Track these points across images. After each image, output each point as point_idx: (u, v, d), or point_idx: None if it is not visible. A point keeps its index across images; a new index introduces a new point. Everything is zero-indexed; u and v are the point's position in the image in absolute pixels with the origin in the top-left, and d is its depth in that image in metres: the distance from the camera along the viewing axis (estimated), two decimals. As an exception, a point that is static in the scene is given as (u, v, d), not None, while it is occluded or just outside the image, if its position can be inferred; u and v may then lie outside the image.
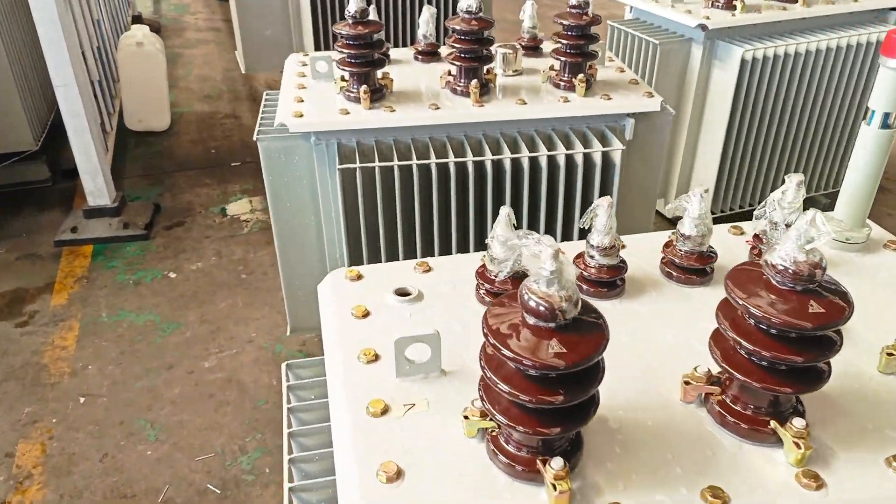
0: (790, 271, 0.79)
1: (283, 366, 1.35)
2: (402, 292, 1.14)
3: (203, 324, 2.67)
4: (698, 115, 2.89)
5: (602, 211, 1.08)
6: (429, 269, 1.22)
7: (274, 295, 2.83)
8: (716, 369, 0.91)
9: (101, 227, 3.21)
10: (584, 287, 1.13)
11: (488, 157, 1.85)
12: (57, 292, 2.85)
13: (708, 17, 2.66)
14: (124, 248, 3.15)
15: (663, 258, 1.19)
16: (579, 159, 1.88)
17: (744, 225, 1.33)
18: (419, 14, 2.19)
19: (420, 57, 2.24)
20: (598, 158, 1.88)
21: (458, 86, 1.95)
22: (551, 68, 2.02)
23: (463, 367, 1.01)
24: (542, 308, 0.75)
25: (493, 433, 0.86)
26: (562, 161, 1.88)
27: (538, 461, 0.81)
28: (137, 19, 6.31)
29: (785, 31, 2.83)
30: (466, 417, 0.88)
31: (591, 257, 1.12)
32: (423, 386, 0.97)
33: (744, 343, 0.82)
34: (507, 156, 1.86)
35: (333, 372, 1.03)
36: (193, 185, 3.73)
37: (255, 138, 1.97)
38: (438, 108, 1.87)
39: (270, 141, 1.96)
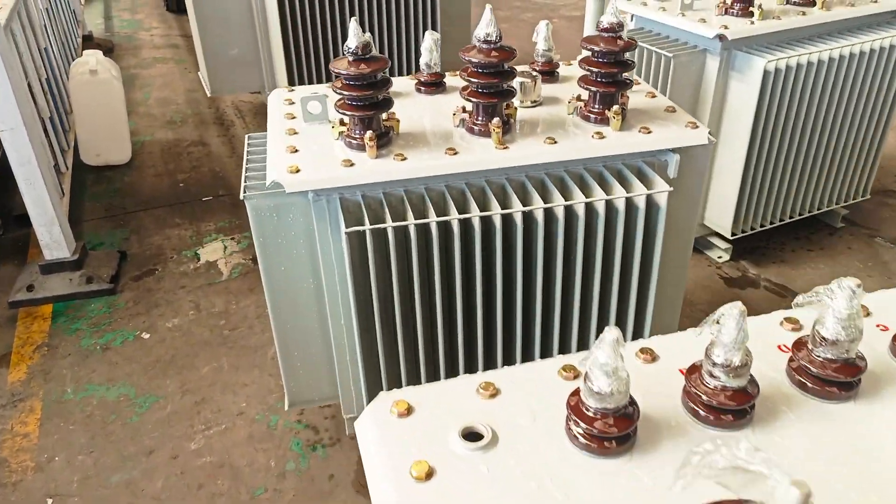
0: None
1: None
2: (470, 434, 0.88)
3: (185, 395, 2.36)
4: (715, 131, 2.68)
5: (732, 321, 0.83)
6: (496, 393, 0.95)
7: (263, 354, 2.53)
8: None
9: (60, 284, 2.87)
10: (702, 414, 0.88)
11: (517, 209, 1.59)
12: (14, 365, 2.52)
13: (726, 27, 2.44)
14: (89, 305, 2.82)
15: (791, 362, 0.94)
16: (621, 204, 1.63)
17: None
18: (413, 38, 1.93)
19: (423, 88, 1.97)
20: (641, 202, 1.64)
21: (476, 124, 1.68)
22: (578, 98, 1.77)
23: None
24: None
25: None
26: (601, 208, 1.63)
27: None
28: (88, 39, 5.91)
29: (804, 38, 2.62)
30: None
31: (714, 377, 0.87)
32: None
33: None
34: (539, 206, 1.60)
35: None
36: (162, 225, 3.40)
37: (241, 197, 1.68)
38: (456, 154, 1.61)
39: (261, 199, 1.68)
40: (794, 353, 0.94)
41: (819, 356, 0.90)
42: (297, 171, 1.56)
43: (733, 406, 0.86)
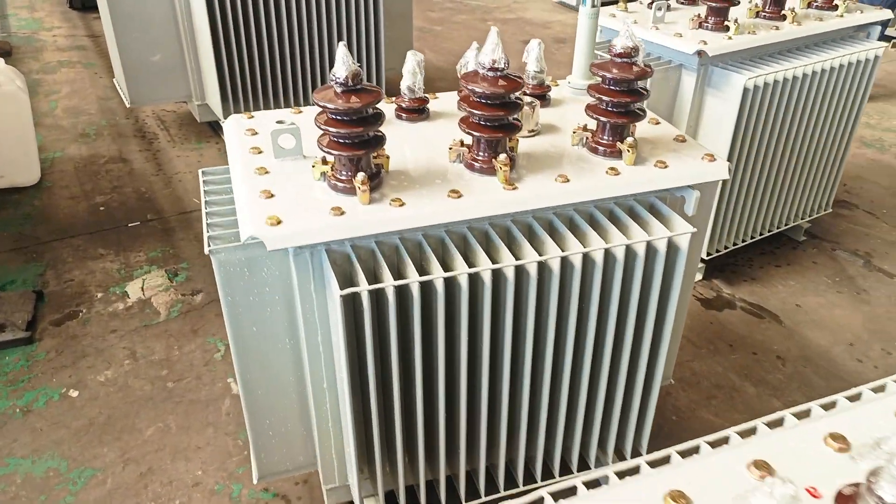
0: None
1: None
2: None
3: (127, 465, 2.05)
4: (690, 149, 2.58)
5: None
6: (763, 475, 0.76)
7: (216, 409, 2.24)
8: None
9: (-35, 334, 2.47)
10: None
11: (532, 260, 1.40)
12: (-89, 439, 2.12)
13: (705, 42, 2.34)
14: (2, 359, 2.43)
15: None
16: (641, 249, 1.48)
17: None
18: (357, 39, 1.71)
19: (405, 115, 1.75)
20: (662, 246, 1.49)
21: (478, 160, 1.48)
22: (584, 128, 1.60)
23: None
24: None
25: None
26: (620, 253, 1.46)
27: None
28: (-20, 41, 5.30)
29: (774, 52, 2.57)
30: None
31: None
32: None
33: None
34: (555, 255, 1.42)
35: None
36: (83, 257, 3.01)
37: (207, 251, 1.41)
38: (461, 196, 1.40)
39: (230, 253, 1.42)
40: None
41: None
42: (279, 222, 1.31)
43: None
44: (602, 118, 1.53)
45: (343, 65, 1.31)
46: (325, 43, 3.89)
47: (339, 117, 1.34)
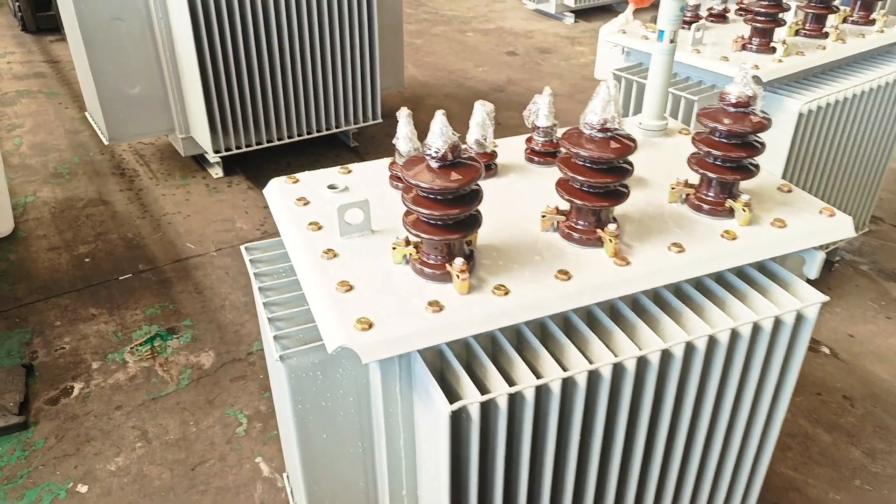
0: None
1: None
2: None
3: (157, 575, 1.80)
4: (736, 177, 2.44)
5: None
6: None
7: (247, 495, 2.00)
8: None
9: (-51, 425, 2.17)
10: None
11: (655, 348, 1.21)
12: None
13: (756, 67, 2.19)
14: (-6, 450, 2.15)
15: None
16: (769, 324, 1.30)
17: None
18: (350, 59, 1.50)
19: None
20: (790, 319, 1.31)
21: (577, 229, 1.29)
22: (686, 183, 1.42)
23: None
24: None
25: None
26: (747, 331, 1.28)
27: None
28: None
29: (818, 72, 2.44)
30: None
31: None
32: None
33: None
34: (679, 340, 1.23)
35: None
36: (73, 319, 2.72)
37: (275, 358, 1.19)
38: (570, 278, 1.21)
39: (303, 356, 1.20)
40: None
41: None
42: (370, 326, 1.10)
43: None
44: (711, 174, 1.35)
45: (441, 136, 1.10)
46: (318, 67, 3.66)
47: (433, 196, 1.13)
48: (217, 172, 3.82)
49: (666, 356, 1.25)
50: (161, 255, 3.13)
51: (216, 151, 3.58)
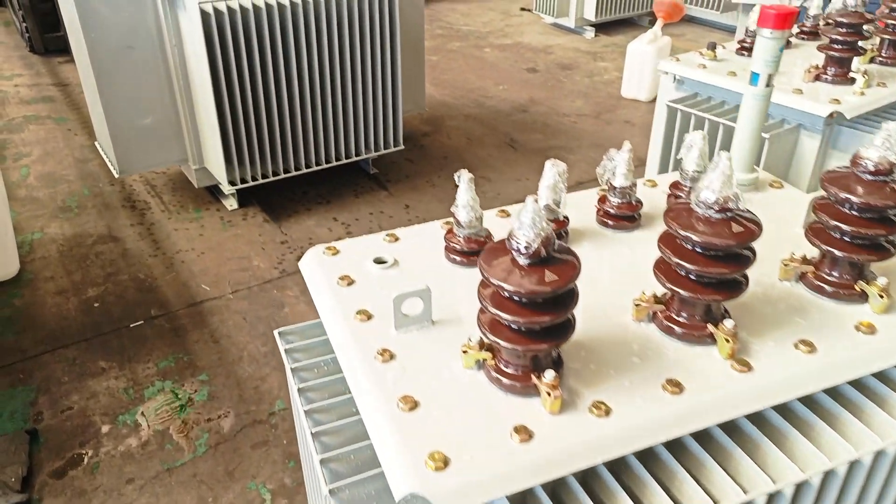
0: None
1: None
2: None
3: None
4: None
5: None
6: None
7: (277, 591, 1.78)
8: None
9: (-56, 505, 1.97)
10: None
11: (791, 480, 0.99)
12: None
13: (837, 101, 1.97)
14: (-7, 534, 1.94)
15: None
16: (915, 436, 1.07)
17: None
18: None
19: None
20: (939, 427, 1.09)
21: (679, 323, 1.07)
22: (804, 260, 1.20)
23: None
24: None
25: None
26: (893, 451, 1.06)
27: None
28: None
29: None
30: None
31: None
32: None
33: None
34: (817, 470, 1.00)
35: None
36: (81, 374, 2.52)
37: (325, 492, 0.98)
38: (681, 391, 0.99)
39: (357, 487, 0.99)
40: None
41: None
42: (445, 463, 0.88)
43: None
44: (838, 252, 1.13)
45: (532, 227, 0.88)
46: (339, 93, 3.46)
47: (520, 300, 0.91)
48: (231, 204, 3.63)
49: (803, 487, 1.02)
50: (174, 299, 2.92)
51: (231, 183, 3.38)
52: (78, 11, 2.95)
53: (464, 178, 1.23)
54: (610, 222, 1.39)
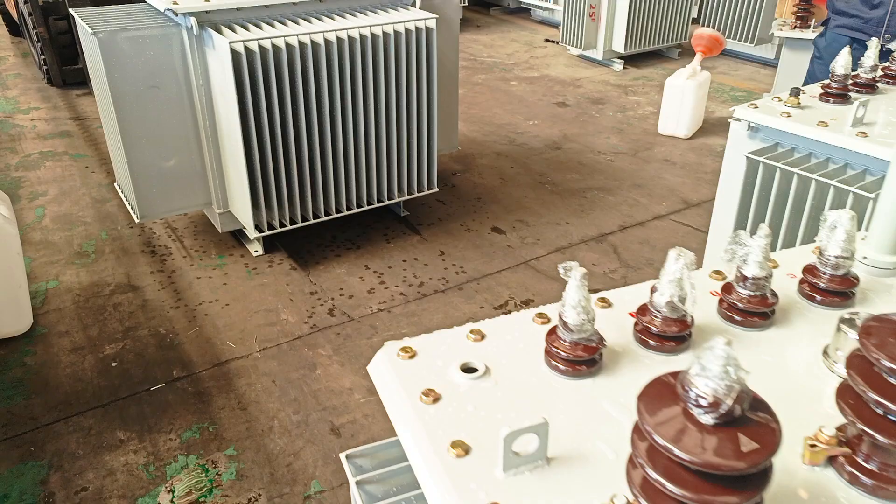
0: None
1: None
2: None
3: None
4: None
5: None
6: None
7: None
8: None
9: None
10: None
11: None
12: None
13: (952, 159, 1.75)
14: None
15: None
16: None
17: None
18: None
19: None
20: None
21: (873, 470, 0.84)
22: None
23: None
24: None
25: None
26: None
27: None
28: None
29: None
30: None
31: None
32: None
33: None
34: None
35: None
36: (97, 446, 2.30)
37: None
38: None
39: None
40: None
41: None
42: None
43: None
44: (879, 437, 0.89)
45: (722, 377, 0.66)
46: (371, 134, 3.28)
47: (697, 470, 0.69)
48: (256, 249, 3.43)
49: None
50: (198, 358, 2.71)
51: (258, 230, 3.18)
52: (102, 51, 2.79)
53: (575, 274, 1.01)
54: (737, 317, 1.16)
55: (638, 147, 4.75)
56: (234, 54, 2.77)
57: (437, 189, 3.63)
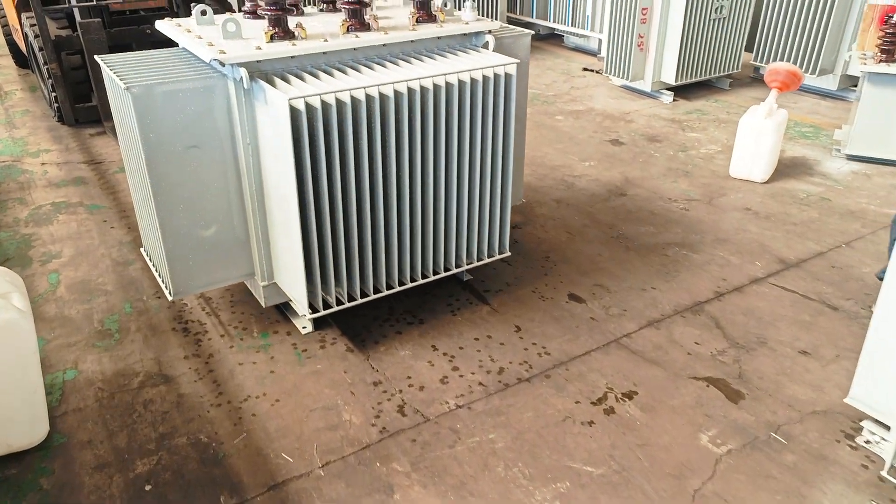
0: None
1: None
2: None
3: None
4: None
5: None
6: None
7: None
8: None
9: None
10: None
11: None
12: None
13: None
14: None
15: None
16: None
17: None
18: None
19: None
20: None
21: None
22: None
23: None
24: None
25: None
26: None
27: None
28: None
29: None
30: None
31: None
32: None
33: None
34: None
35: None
36: None
37: None
38: None
39: None
40: None
41: None
42: None
43: None
44: None
45: None
46: (442, 197, 2.84)
47: None
48: (305, 326, 2.98)
49: None
50: (248, 477, 2.25)
51: (312, 309, 2.73)
52: (135, 109, 2.36)
53: None
54: None
55: (711, 193, 4.31)
56: (294, 112, 2.33)
57: (508, 253, 3.18)
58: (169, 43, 2.87)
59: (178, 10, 5.72)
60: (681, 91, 6.17)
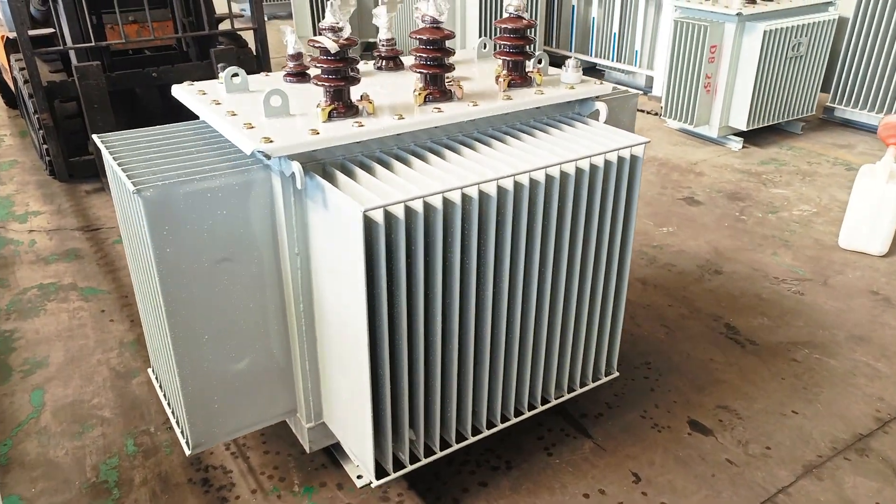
0: None
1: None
2: None
3: None
4: None
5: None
6: None
7: None
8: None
9: None
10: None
11: None
12: None
13: None
14: None
15: None
16: None
17: None
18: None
19: None
20: None
21: None
22: None
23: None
24: None
25: None
26: None
27: None
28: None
29: None
30: None
31: None
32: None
33: None
34: None
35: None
36: None
37: None
38: None
39: None
40: None
41: None
42: None
43: None
44: None
45: None
46: (545, 317, 2.16)
47: None
48: (361, 476, 2.28)
49: None
50: None
51: (381, 472, 2.04)
52: (147, 216, 1.69)
53: None
54: None
55: (823, 270, 3.64)
56: (369, 222, 1.66)
57: (616, 374, 2.50)
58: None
59: (187, 50, 5.09)
60: (749, 137, 5.53)
